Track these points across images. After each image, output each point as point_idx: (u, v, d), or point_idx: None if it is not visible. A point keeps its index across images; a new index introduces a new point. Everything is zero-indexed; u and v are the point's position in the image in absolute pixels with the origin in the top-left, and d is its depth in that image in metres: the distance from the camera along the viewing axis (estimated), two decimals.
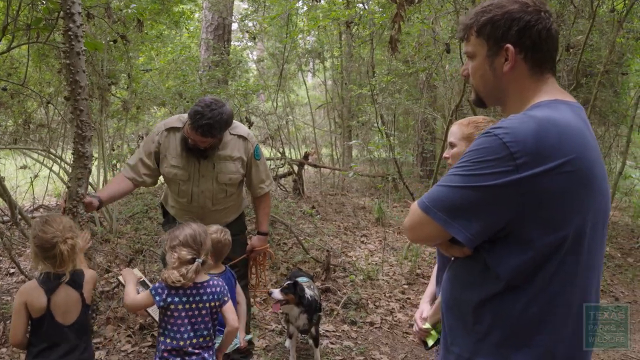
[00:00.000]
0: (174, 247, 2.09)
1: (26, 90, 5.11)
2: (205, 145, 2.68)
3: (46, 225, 1.96)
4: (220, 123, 2.60)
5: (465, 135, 1.93)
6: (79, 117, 2.37)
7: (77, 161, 2.40)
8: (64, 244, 1.92)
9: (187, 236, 2.07)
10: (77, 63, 2.33)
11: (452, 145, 1.99)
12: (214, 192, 2.83)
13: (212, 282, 2.15)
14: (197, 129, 2.57)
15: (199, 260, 2.06)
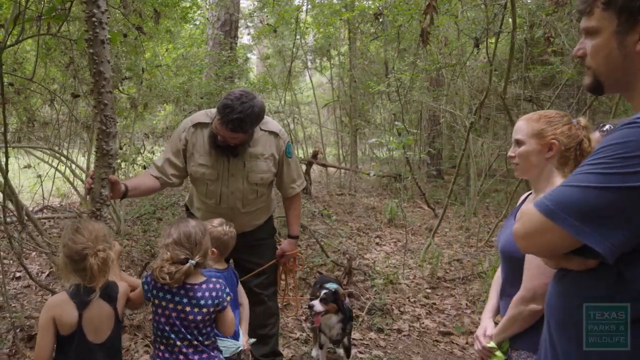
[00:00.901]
0: (167, 245, 1.92)
1: (33, 85, 4.90)
2: (235, 142, 2.49)
3: (77, 234, 1.75)
4: (251, 117, 2.41)
5: (536, 132, 1.73)
6: (103, 112, 2.16)
7: (101, 160, 2.19)
8: (95, 257, 1.71)
9: (182, 234, 1.90)
10: (101, 52, 2.13)
11: (520, 143, 1.78)
12: (245, 192, 2.64)
13: (209, 284, 1.95)
14: (227, 123, 2.38)
15: (192, 261, 1.88)
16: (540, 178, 1.73)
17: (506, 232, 1.82)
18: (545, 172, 1.72)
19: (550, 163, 1.70)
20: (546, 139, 1.69)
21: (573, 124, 1.72)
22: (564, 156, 1.69)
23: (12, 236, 3.27)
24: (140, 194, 2.61)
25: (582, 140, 1.71)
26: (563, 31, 5.17)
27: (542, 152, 1.69)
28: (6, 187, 3.55)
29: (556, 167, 1.70)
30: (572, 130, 1.70)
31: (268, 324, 2.81)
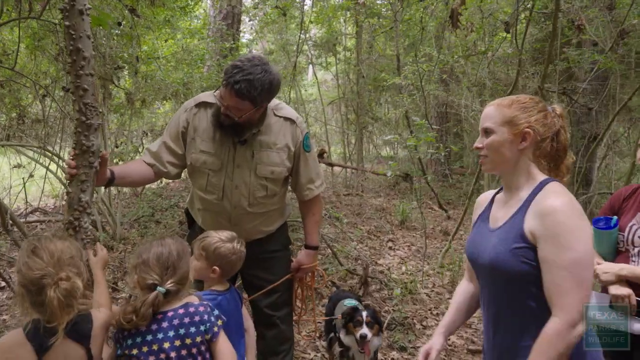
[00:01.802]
0: (135, 266, 1.57)
1: (19, 77, 4.50)
2: (241, 117, 2.07)
3: (33, 257, 1.35)
4: (262, 83, 2.00)
5: (508, 119, 1.50)
6: (82, 99, 1.76)
7: (80, 157, 1.79)
8: (56, 288, 1.32)
9: (153, 255, 1.56)
10: (79, 25, 1.72)
11: (489, 132, 1.53)
12: (251, 187, 2.22)
13: (188, 308, 1.55)
14: (233, 85, 1.97)
15: (161, 289, 1.50)
16: (515, 173, 1.52)
17: (488, 241, 1.52)
18: (520, 166, 1.51)
19: (525, 155, 1.50)
20: (519, 127, 1.48)
21: (548, 111, 1.53)
22: (540, 147, 1.50)
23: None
24: (129, 183, 2.23)
25: (559, 130, 1.52)
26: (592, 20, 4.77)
27: (515, 143, 1.49)
28: None
29: (531, 160, 1.51)
30: (548, 119, 1.51)
31: (281, 350, 2.40)
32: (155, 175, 2.24)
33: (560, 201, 1.35)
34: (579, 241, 1.30)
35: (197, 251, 1.91)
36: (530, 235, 1.37)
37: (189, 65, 6.72)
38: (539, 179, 1.49)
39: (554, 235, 1.31)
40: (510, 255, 1.38)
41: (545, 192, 1.42)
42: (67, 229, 1.78)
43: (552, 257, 1.31)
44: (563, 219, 1.32)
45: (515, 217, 1.44)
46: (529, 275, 1.37)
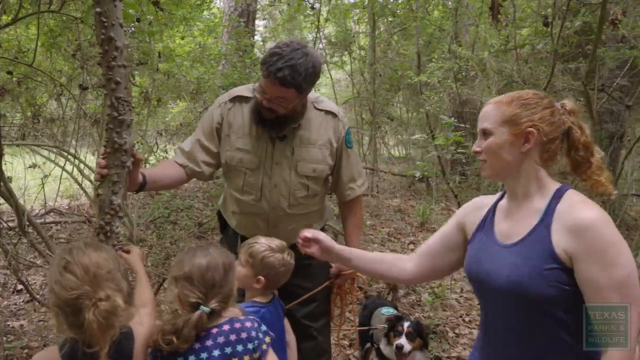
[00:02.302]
0: (176, 278, 1.40)
1: (35, 74, 4.39)
2: (285, 109, 1.92)
3: (66, 274, 1.19)
4: (306, 67, 1.85)
5: (508, 118, 1.32)
6: (115, 93, 1.61)
7: (112, 156, 1.64)
8: (95, 310, 1.16)
9: (196, 268, 1.38)
10: (111, 12, 1.58)
11: (487, 134, 1.36)
12: (291, 187, 2.07)
13: (234, 324, 1.40)
14: (275, 73, 1.82)
15: (205, 309, 1.34)
16: (521, 179, 1.34)
17: (502, 260, 1.30)
18: (525, 171, 1.33)
19: (530, 158, 1.32)
20: (521, 126, 1.30)
21: (556, 107, 1.34)
22: (547, 149, 1.32)
23: (7, 250, 2.73)
24: (161, 187, 2.07)
25: (571, 128, 1.33)
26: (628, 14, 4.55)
27: (516, 144, 1.31)
28: (2, 189, 3.04)
29: (539, 165, 1.33)
30: (555, 116, 1.32)
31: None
32: (187, 177, 2.10)
33: (595, 213, 1.19)
34: (623, 255, 1.15)
35: (244, 257, 1.76)
36: (564, 255, 1.19)
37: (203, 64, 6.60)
38: (553, 186, 1.31)
39: (598, 252, 1.15)
40: (539, 278, 1.20)
41: (569, 202, 1.25)
42: (98, 234, 1.64)
43: (599, 278, 1.14)
44: (604, 233, 1.16)
45: (536, 232, 1.26)
46: (557, 299, 1.20)
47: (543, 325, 1.23)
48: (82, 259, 1.22)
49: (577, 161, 1.33)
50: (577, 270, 1.17)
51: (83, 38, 4.31)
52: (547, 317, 1.22)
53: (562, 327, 1.21)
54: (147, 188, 1.88)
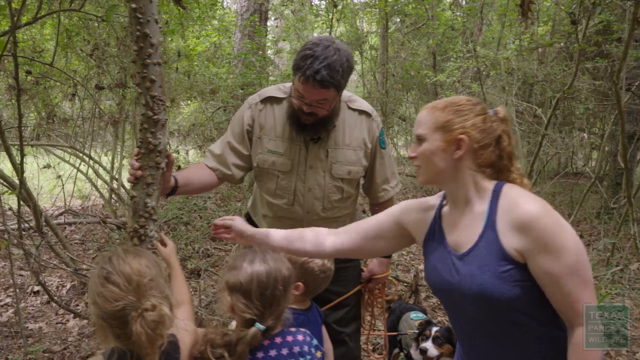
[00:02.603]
0: (231, 288, 1.32)
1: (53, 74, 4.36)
2: (324, 110, 1.86)
3: (108, 285, 1.14)
4: (341, 64, 1.79)
5: (441, 124, 1.33)
6: (149, 92, 1.56)
7: (146, 157, 1.59)
8: (142, 321, 1.11)
9: (255, 282, 1.30)
10: (147, 7, 1.52)
11: (421, 140, 1.36)
12: (326, 190, 2.01)
13: (286, 337, 1.34)
14: (314, 76, 1.74)
15: (260, 327, 1.28)
16: (458, 185, 1.35)
17: (461, 270, 1.31)
18: (461, 177, 1.34)
19: (463, 164, 1.33)
20: (453, 133, 1.31)
21: (489, 114, 1.35)
22: (480, 156, 1.32)
23: (29, 252, 2.69)
24: (192, 190, 2.01)
25: (501, 136, 1.35)
26: None
27: (449, 151, 1.32)
28: (22, 191, 3.00)
29: (475, 170, 1.33)
30: (486, 123, 1.33)
31: None
32: (218, 181, 2.04)
33: (535, 206, 1.21)
34: (569, 240, 1.18)
35: None
36: (515, 254, 1.21)
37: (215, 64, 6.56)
38: (489, 187, 1.31)
39: (545, 245, 1.17)
40: (500, 282, 1.21)
41: (509, 199, 1.26)
42: (132, 237, 1.59)
43: (552, 269, 1.17)
44: (547, 224, 1.18)
45: (484, 237, 1.27)
46: (522, 296, 1.21)
47: (516, 323, 1.25)
48: (124, 268, 1.16)
49: (500, 168, 1.35)
50: (530, 265, 1.20)
51: (99, 37, 4.27)
52: (519, 313, 1.23)
53: (534, 319, 1.24)
54: (178, 192, 1.83)
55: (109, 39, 4.48)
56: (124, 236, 5.30)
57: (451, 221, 1.40)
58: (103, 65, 4.60)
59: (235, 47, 7.80)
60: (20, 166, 2.71)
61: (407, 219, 1.52)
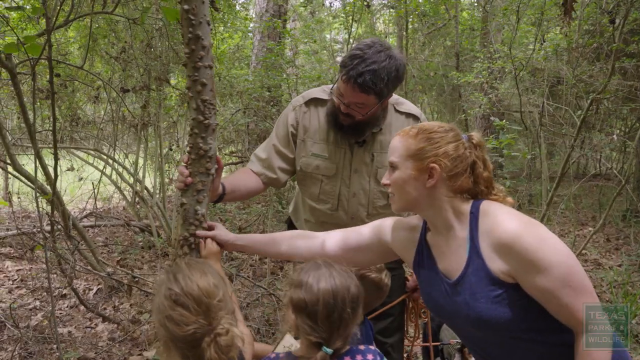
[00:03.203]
0: (296, 307, 1.23)
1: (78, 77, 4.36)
2: (362, 116, 1.80)
3: (177, 308, 1.10)
4: (388, 71, 1.72)
5: (413, 152, 1.30)
6: (200, 95, 1.51)
7: (196, 163, 1.54)
8: (214, 346, 1.07)
9: (321, 299, 1.21)
10: (199, 9, 1.48)
11: (394, 167, 1.34)
12: (371, 195, 1.95)
13: (357, 356, 1.27)
14: (356, 79, 1.69)
15: (328, 350, 1.20)
16: (436, 212, 1.31)
17: (456, 299, 1.28)
18: (438, 204, 1.30)
19: (438, 192, 1.29)
20: (424, 162, 1.28)
21: (462, 140, 1.31)
22: (454, 183, 1.28)
23: (65, 259, 2.67)
24: (239, 197, 1.97)
25: (475, 162, 1.30)
26: None
27: (420, 179, 1.29)
28: (54, 197, 2.98)
29: (451, 196, 1.29)
30: (458, 150, 1.29)
31: None
32: (264, 186, 2.00)
33: (513, 223, 1.18)
34: (555, 252, 1.14)
35: None
36: (504, 276, 1.19)
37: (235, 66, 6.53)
38: (467, 208, 1.29)
39: (532, 262, 1.13)
40: (495, 306, 1.19)
41: (487, 219, 1.23)
42: (182, 246, 1.55)
43: (544, 285, 1.14)
44: (528, 242, 1.14)
45: (471, 264, 1.24)
46: (522, 314, 1.19)
47: (522, 338, 1.22)
48: (192, 289, 1.12)
49: (476, 193, 1.32)
50: (521, 284, 1.17)
51: (127, 40, 4.26)
52: (520, 331, 1.21)
53: (539, 332, 1.21)
54: (225, 199, 1.79)
55: (134, 41, 4.47)
56: (147, 239, 5.30)
57: (438, 248, 1.36)
58: (128, 68, 4.59)
59: (254, 49, 7.79)
60: (55, 171, 2.68)
61: (391, 239, 1.50)
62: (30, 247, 4.39)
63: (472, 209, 1.27)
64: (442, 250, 1.34)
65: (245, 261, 4.92)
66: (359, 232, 1.58)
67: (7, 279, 4.37)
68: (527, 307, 1.19)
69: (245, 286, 4.02)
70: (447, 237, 1.32)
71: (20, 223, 5.19)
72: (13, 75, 2.73)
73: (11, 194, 4.62)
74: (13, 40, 2.45)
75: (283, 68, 4.88)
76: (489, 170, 1.32)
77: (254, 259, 4.85)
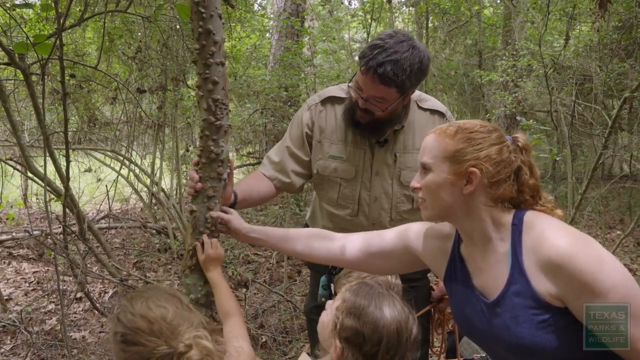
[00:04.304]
0: (349, 338, 1.08)
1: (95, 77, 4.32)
2: (383, 109, 1.66)
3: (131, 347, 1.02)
4: (411, 63, 1.58)
5: (450, 154, 1.15)
6: (212, 94, 1.41)
7: (207, 168, 1.44)
8: None
9: (385, 333, 1.07)
10: (210, 1, 1.37)
11: (427, 169, 1.19)
12: (394, 199, 1.81)
13: None
14: (376, 69, 1.56)
15: None
16: (473, 223, 1.16)
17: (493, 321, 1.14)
18: (476, 213, 1.15)
19: (476, 200, 1.14)
20: (463, 165, 1.13)
21: (506, 142, 1.15)
22: (495, 191, 1.12)
23: (76, 263, 2.60)
24: (251, 204, 1.84)
25: (521, 168, 1.15)
26: None
27: (457, 185, 1.14)
28: (67, 198, 2.92)
29: (491, 205, 1.14)
30: (502, 154, 1.13)
31: None
32: (277, 191, 1.87)
33: (564, 239, 1.03)
34: (612, 275, 1.00)
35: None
36: (552, 299, 1.05)
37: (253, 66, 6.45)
38: (508, 220, 1.14)
39: (587, 286, 0.99)
40: (539, 332, 1.06)
41: (532, 233, 1.09)
42: (192, 256, 1.44)
43: None
44: (583, 263, 1.00)
45: (513, 283, 1.10)
46: (568, 341, 1.05)
47: None
48: (135, 323, 1.04)
49: (519, 202, 1.17)
50: (572, 310, 1.04)
51: (142, 40, 4.21)
52: (570, 357, 1.08)
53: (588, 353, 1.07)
54: (238, 207, 1.66)
55: (151, 41, 4.42)
56: (164, 241, 5.25)
57: (473, 262, 1.22)
58: (145, 68, 4.54)
59: (272, 48, 7.70)
60: (66, 173, 2.62)
61: (421, 247, 1.37)
62: (40, 253, 4.37)
63: (514, 221, 1.13)
64: (478, 264, 1.20)
65: (262, 265, 4.82)
66: (382, 237, 1.45)
67: (24, 281, 4.36)
68: (574, 334, 1.06)
69: (261, 292, 3.92)
70: (483, 251, 1.18)
71: (37, 225, 5.20)
72: (26, 76, 2.67)
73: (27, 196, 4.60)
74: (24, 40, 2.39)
75: (301, 67, 4.77)
76: (536, 177, 1.17)
77: (271, 263, 4.76)
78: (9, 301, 3.81)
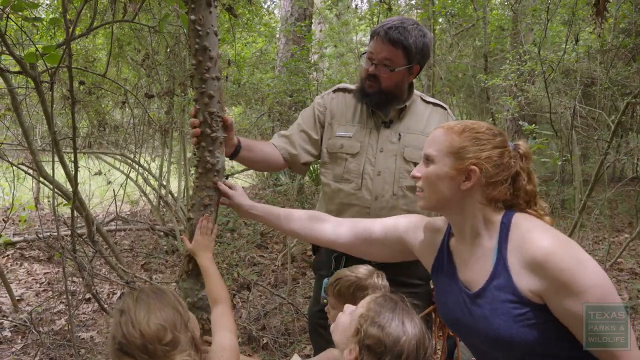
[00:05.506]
0: (371, 348, 1.07)
1: (105, 85, 4.42)
2: (389, 75, 1.83)
3: (125, 357, 1.06)
4: (416, 35, 1.81)
5: (454, 149, 1.21)
6: (207, 108, 1.48)
7: (204, 177, 1.51)
8: None
9: (407, 347, 1.06)
10: (206, 19, 1.44)
11: (430, 161, 1.25)
12: (397, 174, 1.91)
13: None
14: (386, 31, 1.79)
15: None
16: (465, 218, 1.23)
17: (473, 312, 1.20)
18: (470, 210, 1.22)
19: (471, 197, 1.21)
20: (465, 162, 1.20)
21: (508, 148, 1.22)
22: (491, 191, 1.19)
23: (83, 266, 2.69)
24: (255, 160, 1.92)
25: (519, 174, 1.22)
26: None
27: (457, 180, 1.21)
28: (76, 201, 3.01)
29: (485, 204, 1.21)
30: (503, 158, 1.20)
31: None
32: (283, 162, 1.98)
33: (548, 241, 1.10)
34: (589, 275, 1.06)
35: (333, 300, 1.56)
36: (531, 295, 1.11)
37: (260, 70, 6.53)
38: (497, 218, 1.21)
39: (565, 284, 1.06)
40: (516, 325, 1.11)
41: (519, 232, 1.15)
42: (189, 262, 1.51)
43: (575, 309, 1.06)
44: (563, 262, 1.06)
45: (496, 277, 1.16)
46: (543, 337, 1.11)
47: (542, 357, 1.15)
48: (134, 337, 1.05)
49: (512, 205, 1.24)
50: (550, 306, 1.10)
51: (150, 46, 4.31)
52: (539, 355, 1.13)
53: (561, 357, 1.14)
54: (241, 155, 1.79)
55: (159, 47, 4.51)
56: (171, 243, 5.34)
57: (460, 255, 1.30)
58: (153, 73, 4.63)
59: (279, 52, 7.78)
60: (75, 178, 2.70)
61: (413, 239, 1.45)
62: (49, 255, 4.47)
63: (503, 219, 1.20)
64: (464, 258, 1.27)
65: (267, 267, 4.89)
66: (380, 226, 1.53)
67: (35, 282, 4.47)
68: (549, 330, 1.11)
69: (263, 294, 3.99)
70: (472, 245, 1.25)
71: (48, 227, 5.32)
72: (37, 84, 2.77)
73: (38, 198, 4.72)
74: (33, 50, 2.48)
75: (305, 73, 4.84)
76: (534, 183, 1.23)
77: (276, 265, 4.82)
78: (20, 301, 3.92)
